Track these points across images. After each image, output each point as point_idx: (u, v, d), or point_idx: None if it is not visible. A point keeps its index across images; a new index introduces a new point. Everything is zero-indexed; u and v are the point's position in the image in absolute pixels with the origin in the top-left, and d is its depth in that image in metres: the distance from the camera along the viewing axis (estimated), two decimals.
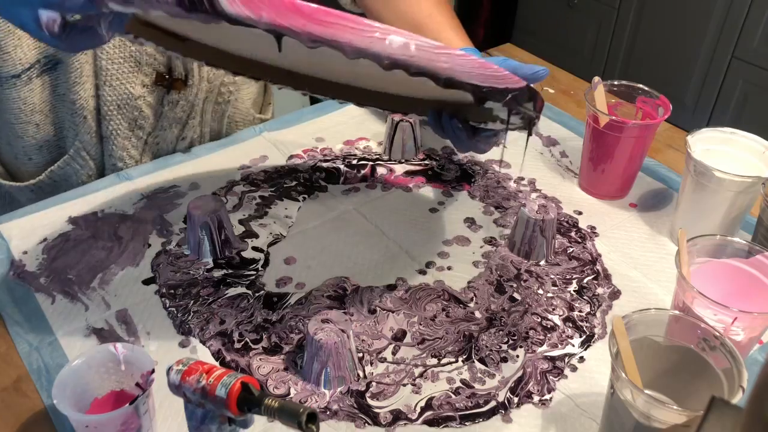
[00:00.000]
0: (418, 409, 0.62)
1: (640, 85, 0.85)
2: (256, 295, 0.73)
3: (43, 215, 0.82)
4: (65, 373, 0.56)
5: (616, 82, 0.86)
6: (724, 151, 0.79)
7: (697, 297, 0.60)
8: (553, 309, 0.72)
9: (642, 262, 0.79)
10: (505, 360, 0.67)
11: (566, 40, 2.39)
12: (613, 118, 0.81)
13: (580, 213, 0.86)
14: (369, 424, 0.61)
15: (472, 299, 0.73)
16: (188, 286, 0.74)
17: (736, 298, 0.62)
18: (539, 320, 0.71)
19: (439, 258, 0.78)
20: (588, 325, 0.71)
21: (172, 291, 0.73)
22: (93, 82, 0.84)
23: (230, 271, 0.76)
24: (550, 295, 0.74)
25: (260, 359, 0.66)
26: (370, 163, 0.92)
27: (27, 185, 0.90)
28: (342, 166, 0.91)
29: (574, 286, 0.75)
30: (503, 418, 0.62)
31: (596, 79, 0.85)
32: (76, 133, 0.87)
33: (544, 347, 0.68)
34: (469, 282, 0.75)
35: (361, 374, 0.65)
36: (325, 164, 0.92)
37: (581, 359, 0.68)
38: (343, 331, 0.62)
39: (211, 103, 0.94)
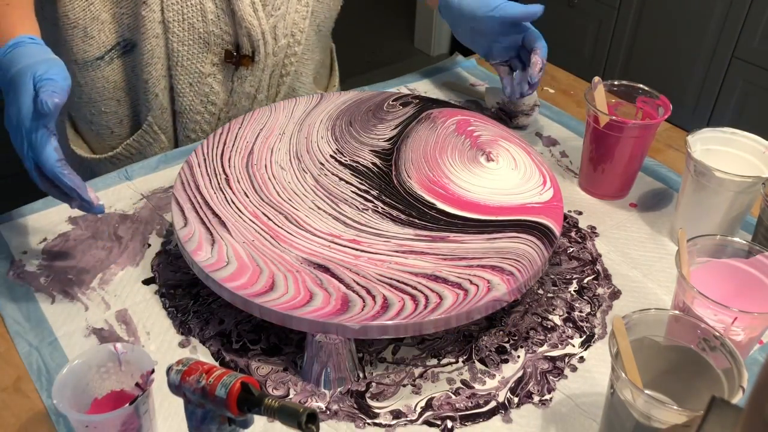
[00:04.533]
0: (418, 410, 0.62)
1: (641, 85, 0.85)
2: None
3: (43, 215, 0.82)
4: (65, 373, 0.56)
5: (616, 82, 0.86)
6: (724, 151, 0.79)
7: (697, 297, 0.60)
8: (554, 309, 0.72)
9: (642, 262, 0.79)
10: (506, 361, 0.67)
11: (566, 40, 2.39)
12: (613, 117, 0.81)
13: (580, 213, 0.86)
14: (369, 424, 0.61)
15: None
16: (188, 286, 0.74)
17: (736, 298, 0.62)
18: (539, 320, 0.71)
19: None
20: (588, 325, 0.71)
21: (172, 291, 0.73)
22: (165, 63, 0.91)
23: None
24: (550, 295, 0.74)
25: (259, 360, 0.66)
26: None
27: (105, 157, 0.99)
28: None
29: (574, 286, 0.75)
30: (503, 418, 0.62)
31: (596, 79, 0.85)
32: (149, 109, 0.94)
33: (545, 347, 0.68)
34: None
35: (361, 374, 0.65)
36: None
37: (581, 359, 0.68)
38: None
39: (276, 76, 0.98)
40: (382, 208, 0.74)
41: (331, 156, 0.81)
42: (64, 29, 0.88)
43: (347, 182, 0.77)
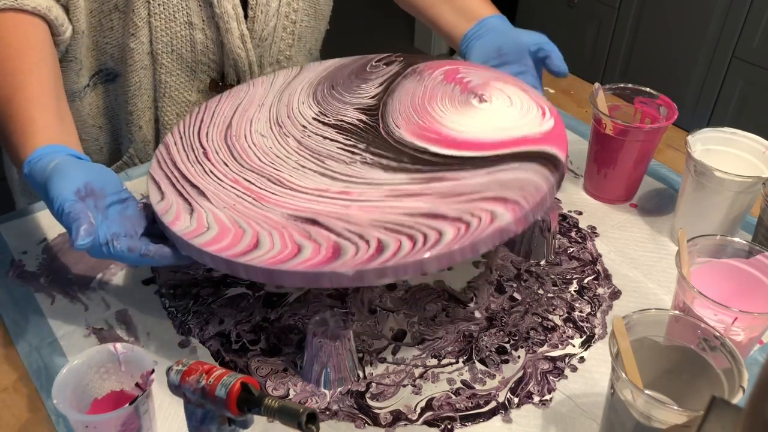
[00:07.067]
0: (418, 410, 0.62)
1: (640, 87, 0.85)
2: (256, 295, 0.73)
3: (44, 215, 0.82)
4: (65, 373, 0.56)
5: (614, 86, 0.86)
6: (724, 151, 0.79)
7: (697, 297, 0.60)
8: (554, 309, 0.72)
9: (642, 262, 0.79)
10: (506, 361, 0.67)
11: (566, 40, 2.39)
12: (618, 121, 0.80)
13: (580, 213, 0.86)
14: (369, 424, 0.61)
15: (472, 299, 0.73)
16: (188, 286, 0.74)
17: (736, 298, 0.62)
18: (540, 320, 0.71)
19: None
20: (588, 325, 0.71)
21: (172, 291, 0.73)
22: (151, 95, 0.89)
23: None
24: (550, 295, 0.74)
25: (259, 360, 0.66)
26: None
27: None
28: None
29: (574, 286, 0.75)
30: (503, 418, 0.62)
31: (596, 85, 0.84)
32: (131, 141, 0.93)
33: (545, 347, 0.68)
34: (469, 282, 0.75)
35: (361, 375, 0.65)
36: None
37: (581, 359, 0.68)
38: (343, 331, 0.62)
39: None
40: (370, 158, 0.70)
41: (313, 118, 0.78)
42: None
43: (332, 140, 0.73)
